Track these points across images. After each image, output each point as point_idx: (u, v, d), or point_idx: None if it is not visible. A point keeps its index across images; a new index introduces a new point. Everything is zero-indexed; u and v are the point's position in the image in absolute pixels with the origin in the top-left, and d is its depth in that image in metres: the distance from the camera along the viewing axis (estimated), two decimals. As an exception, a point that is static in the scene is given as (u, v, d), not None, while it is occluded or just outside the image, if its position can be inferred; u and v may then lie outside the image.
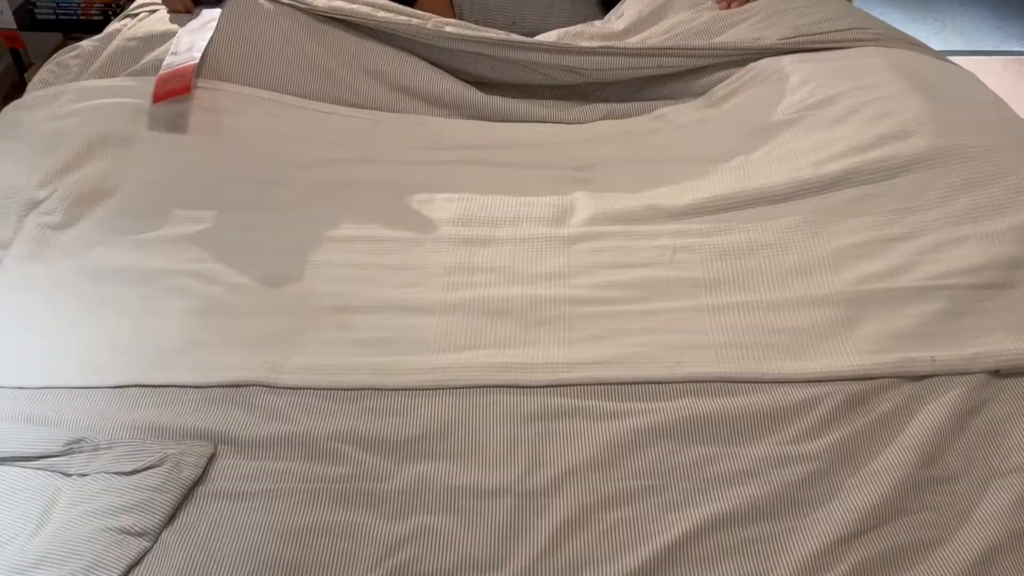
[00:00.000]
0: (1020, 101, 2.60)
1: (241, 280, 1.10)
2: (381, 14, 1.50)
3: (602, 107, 1.51)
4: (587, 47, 1.48)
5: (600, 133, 1.44)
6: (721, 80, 1.45)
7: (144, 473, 0.86)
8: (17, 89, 2.50)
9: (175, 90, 1.33)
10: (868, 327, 1.01)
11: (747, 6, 1.52)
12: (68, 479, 0.87)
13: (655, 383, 0.97)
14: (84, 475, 0.87)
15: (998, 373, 0.96)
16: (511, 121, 1.48)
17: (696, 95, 1.48)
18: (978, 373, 0.96)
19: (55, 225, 1.18)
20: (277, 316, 1.06)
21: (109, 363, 0.99)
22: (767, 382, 0.96)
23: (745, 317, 1.04)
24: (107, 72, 1.44)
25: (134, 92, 1.37)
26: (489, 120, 1.48)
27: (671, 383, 0.97)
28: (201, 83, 1.38)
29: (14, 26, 2.17)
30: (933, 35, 3.03)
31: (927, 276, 1.05)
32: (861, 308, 1.03)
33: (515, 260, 1.14)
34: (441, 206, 1.25)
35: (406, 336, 1.03)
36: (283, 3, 1.49)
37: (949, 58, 2.00)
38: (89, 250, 1.14)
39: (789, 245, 1.13)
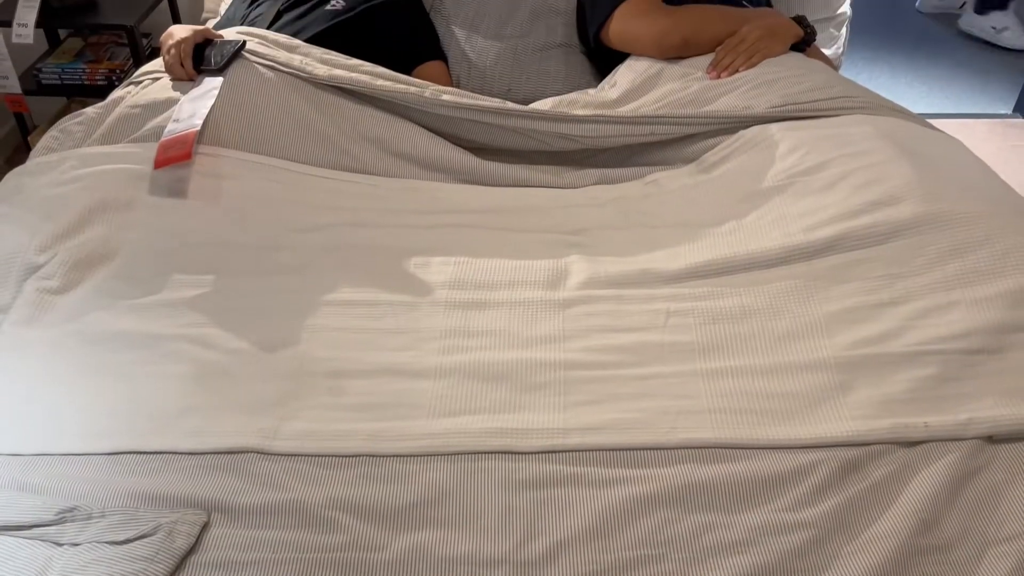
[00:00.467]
0: (1006, 163, 2.66)
1: (238, 345, 1.11)
2: (380, 82, 1.53)
3: (596, 172, 1.54)
4: (581, 115, 1.51)
5: (594, 197, 1.47)
6: (712, 147, 1.47)
7: (137, 543, 0.85)
8: (20, 152, 2.54)
9: (176, 156, 1.35)
10: (861, 392, 1.01)
11: (736, 76, 1.56)
12: (60, 548, 0.86)
13: (650, 449, 0.97)
14: (76, 544, 0.86)
15: (992, 439, 0.97)
16: (507, 186, 1.50)
17: (688, 161, 1.51)
18: (972, 439, 0.96)
19: (54, 290, 1.19)
20: (273, 381, 1.06)
21: (105, 429, 0.99)
22: (762, 448, 0.97)
23: (739, 382, 1.05)
24: (110, 139, 1.47)
25: (136, 158, 1.39)
26: (485, 184, 1.50)
27: (666, 449, 0.97)
28: (202, 149, 1.41)
29: (19, 91, 2.21)
30: (920, 98, 3.10)
31: (918, 341, 1.06)
32: (854, 373, 1.04)
33: (510, 323, 1.15)
34: (437, 270, 1.26)
35: (401, 401, 1.03)
36: (284, 72, 1.53)
37: (935, 121, 2.04)
38: (87, 314, 1.15)
39: (782, 310, 1.14)
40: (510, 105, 1.56)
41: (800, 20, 1.70)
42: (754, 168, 1.37)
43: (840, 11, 2.17)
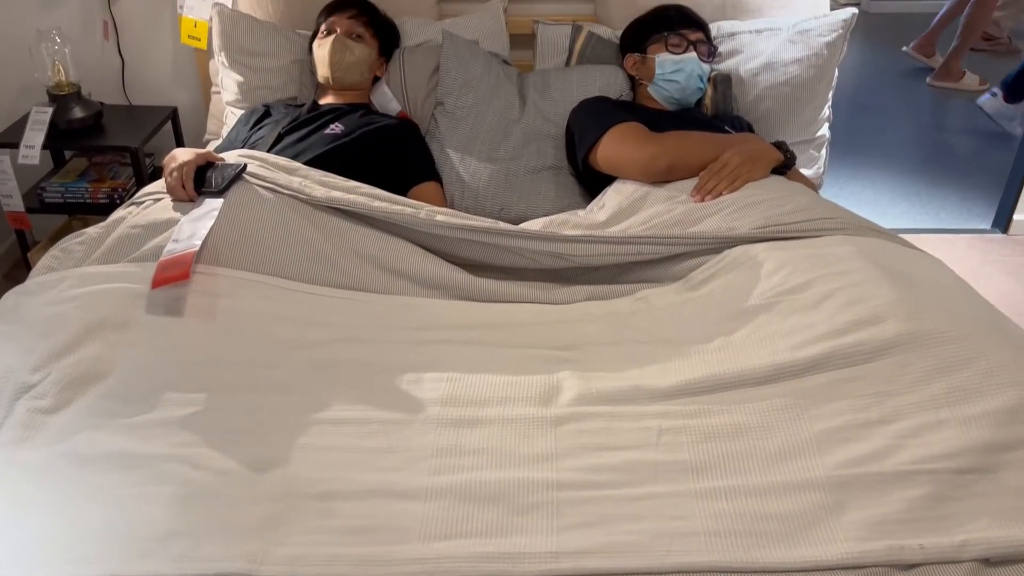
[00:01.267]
0: (987, 277, 2.72)
1: (228, 465, 1.10)
2: (377, 203, 1.58)
3: (586, 289, 1.57)
4: (570, 235, 1.56)
5: (585, 314, 1.49)
6: (698, 265, 1.51)
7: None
8: (19, 268, 2.57)
9: (174, 276, 1.37)
10: (855, 513, 1.01)
11: (719, 199, 1.61)
12: None
13: (645, 573, 0.95)
14: None
15: (988, 561, 0.96)
16: (499, 302, 1.52)
17: (675, 279, 1.54)
18: (969, 562, 0.95)
19: (45, 409, 1.19)
20: (262, 503, 1.05)
21: (93, 554, 0.97)
22: (757, 572, 0.95)
23: (732, 503, 1.04)
24: (110, 258, 1.50)
25: (135, 277, 1.42)
26: (478, 301, 1.52)
27: (661, 573, 0.95)
28: (200, 268, 1.44)
29: (22, 209, 2.26)
30: (902, 214, 3.19)
31: (910, 460, 1.06)
32: (847, 493, 1.03)
33: (502, 441, 1.15)
34: (429, 386, 1.27)
35: (391, 524, 1.02)
36: (283, 193, 1.58)
37: (917, 236, 2.08)
38: (78, 434, 1.14)
39: (773, 428, 1.14)
40: (502, 225, 1.60)
41: (780, 145, 1.77)
42: (740, 287, 1.40)
43: (819, 134, 2.26)
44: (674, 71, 1.99)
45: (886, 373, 1.17)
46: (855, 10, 2.12)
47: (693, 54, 1.99)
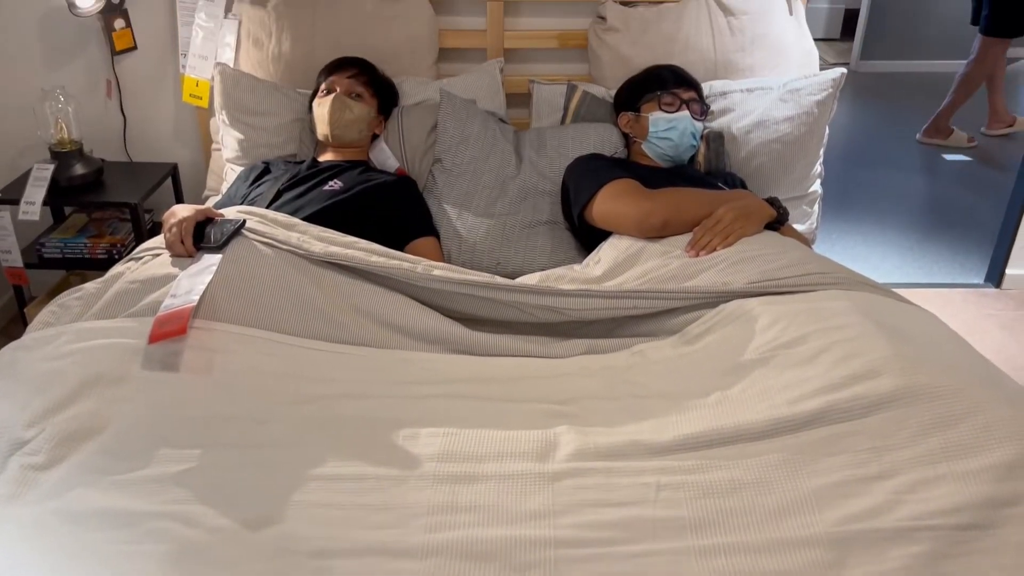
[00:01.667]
0: (982, 332, 2.73)
1: (221, 523, 1.09)
2: (374, 259, 1.59)
3: (583, 343, 1.57)
4: (567, 289, 1.56)
5: (582, 368, 1.49)
6: (694, 319, 1.52)
7: None
8: (16, 324, 2.57)
9: (171, 331, 1.37)
10: (855, 570, 1.00)
11: (714, 254, 1.63)
12: None
13: (644, 633, 0.94)
14: None
15: (991, 620, 0.94)
16: (496, 356, 1.52)
17: (671, 333, 1.55)
18: (971, 620, 0.94)
19: (38, 466, 1.18)
20: (255, 563, 1.03)
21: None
22: (758, 631, 0.94)
23: (732, 560, 1.03)
24: (107, 313, 1.50)
25: (132, 333, 1.41)
26: (475, 355, 1.52)
27: (660, 633, 0.94)
28: (197, 323, 1.44)
29: (21, 264, 2.27)
30: (895, 268, 3.21)
31: (909, 516, 1.05)
32: (846, 550, 1.02)
33: (499, 498, 1.14)
34: (426, 441, 1.26)
35: (387, 583, 1.01)
36: (282, 248, 1.59)
37: (911, 290, 2.09)
38: (70, 491, 1.13)
39: (771, 484, 1.14)
40: (499, 279, 1.61)
41: (773, 201, 1.80)
42: (736, 341, 1.41)
43: (811, 190, 2.29)
44: (667, 129, 2.02)
45: (883, 428, 1.17)
46: (844, 70, 2.17)
47: (686, 112, 2.03)
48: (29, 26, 2.45)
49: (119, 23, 2.42)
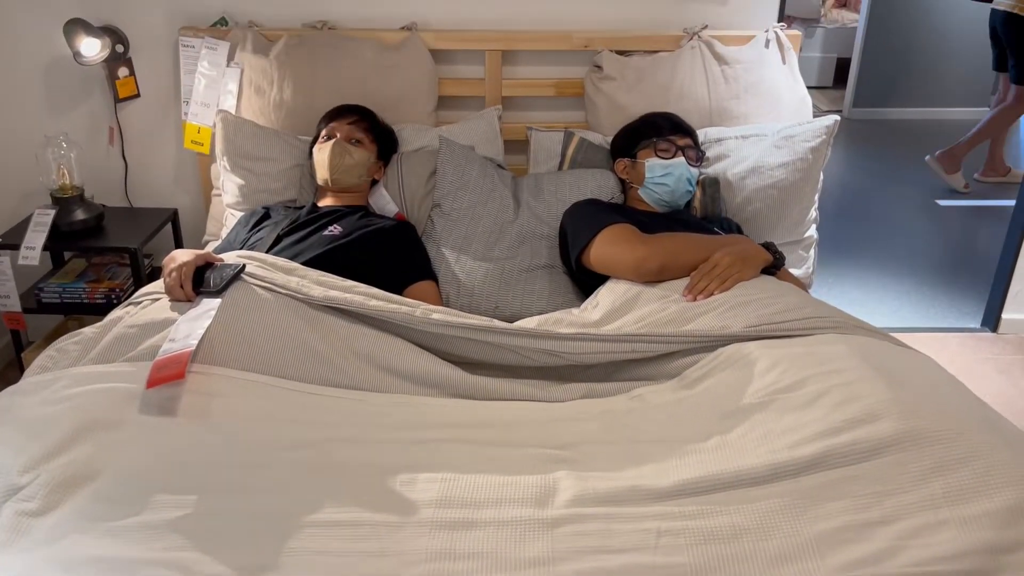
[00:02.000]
0: (980, 376, 2.73)
1: (217, 570, 1.07)
2: (373, 303, 1.60)
3: (582, 387, 1.57)
4: (565, 333, 1.57)
5: (581, 412, 1.48)
6: (692, 363, 1.52)
7: None
8: (13, 369, 2.56)
9: (169, 376, 1.37)
10: (859, 618, 0.99)
11: (711, 298, 1.63)
12: None
13: None
14: None
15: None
16: (494, 400, 1.52)
17: (670, 376, 1.55)
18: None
19: (33, 512, 1.16)
20: (252, 610, 1.02)
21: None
22: None
23: (733, 608, 1.02)
24: (105, 358, 1.49)
25: (130, 377, 1.41)
26: (474, 399, 1.52)
27: None
28: (195, 368, 1.44)
29: (19, 309, 2.27)
30: (892, 312, 3.22)
31: (913, 562, 1.04)
32: (850, 597, 1.01)
33: (498, 545, 1.13)
34: (423, 487, 1.25)
35: (385, 632, 0.99)
36: (281, 293, 1.59)
37: (908, 334, 2.09)
38: (64, 538, 1.12)
39: (772, 530, 1.13)
40: (497, 323, 1.61)
41: (769, 246, 1.81)
42: (735, 385, 1.41)
43: (807, 235, 2.31)
44: (663, 175, 2.05)
45: (884, 472, 1.17)
46: (837, 117, 2.20)
47: (681, 159, 2.05)
48: (35, 74, 2.49)
49: (123, 71, 2.46)
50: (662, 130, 2.11)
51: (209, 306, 1.55)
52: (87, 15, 2.38)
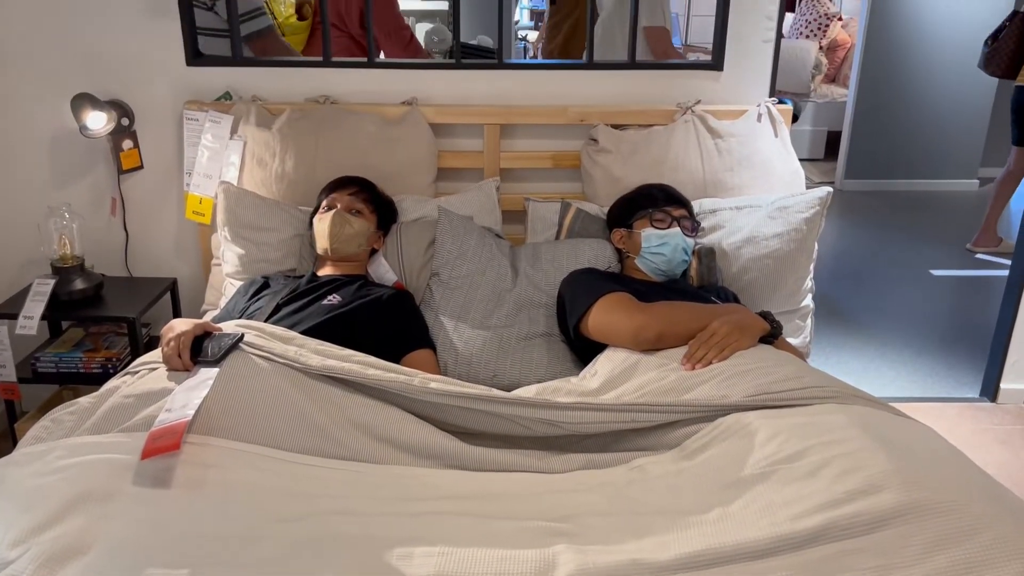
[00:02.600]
0: (980, 447, 2.71)
1: (209, 647, 1.05)
2: (371, 371, 1.60)
3: (581, 457, 1.55)
4: (564, 402, 1.56)
5: (580, 483, 1.47)
6: (692, 433, 1.51)
7: None
8: (5, 439, 2.53)
9: (165, 447, 1.36)
10: None
11: (710, 367, 1.63)
12: None
13: None
14: None
15: None
16: (493, 471, 1.50)
17: (670, 447, 1.53)
18: None
19: (21, 587, 1.14)
20: None
21: None
22: None
23: None
24: (100, 428, 1.48)
25: (124, 448, 1.40)
26: (471, 470, 1.50)
27: None
28: (191, 438, 1.42)
29: (14, 379, 2.26)
30: (889, 382, 3.21)
31: (920, 638, 1.02)
32: (857, 675, 0.99)
33: (496, 620, 1.11)
34: (420, 561, 1.22)
35: None
36: (279, 362, 1.59)
37: (907, 404, 2.07)
38: (52, 614, 1.10)
39: (776, 604, 1.11)
40: (496, 392, 1.61)
41: (766, 316, 1.82)
42: (735, 455, 1.40)
43: (803, 304, 2.32)
44: (660, 244, 2.07)
45: (887, 545, 1.15)
46: (830, 189, 2.24)
47: (677, 229, 2.08)
48: (41, 146, 2.53)
49: (127, 143, 2.50)
50: (658, 201, 2.14)
51: (206, 376, 1.54)
52: (95, 89, 2.43)
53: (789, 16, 6.79)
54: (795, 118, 4.17)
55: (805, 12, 6.71)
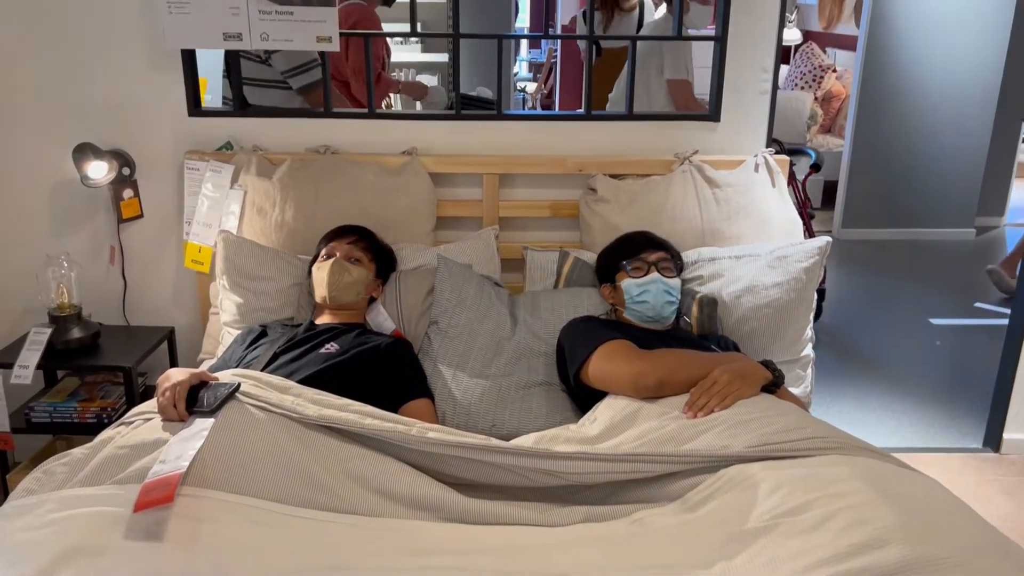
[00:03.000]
0: (985, 499, 2.67)
1: None
2: (368, 421, 1.58)
3: (581, 510, 1.53)
4: (563, 452, 1.54)
5: (580, 537, 1.44)
6: (694, 485, 1.49)
7: None
8: (-5, 490, 2.49)
9: (158, 499, 1.34)
10: None
11: (711, 416, 1.62)
12: None
13: None
14: None
15: None
16: (491, 523, 1.48)
17: (672, 498, 1.51)
18: None
19: (7, 646, 1.11)
20: None
21: None
22: None
23: None
24: (93, 480, 1.46)
25: (117, 500, 1.37)
26: (470, 523, 1.48)
27: None
28: (185, 491, 1.40)
29: (7, 429, 2.23)
30: (892, 432, 3.18)
31: None
32: None
33: None
34: (418, 617, 1.20)
35: None
36: (275, 412, 1.57)
37: (910, 455, 2.04)
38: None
39: (782, 663, 1.08)
40: (494, 442, 1.59)
41: (768, 364, 1.81)
42: (738, 508, 1.37)
43: (803, 353, 2.31)
44: (640, 294, 2.07)
45: (894, 601, 1.13)
46: (829, 238, 2.24)
47: (655, 274, 2.08)
48: (42, 195, 2.55)
49: (128, 193, 2.52)
50: (632, 250, 2.14)
51: (202, 426, 1.53)
52: (97, 139, 2.45)
53: (784, 68, 6.90)
54: (817, 168, 4.22)
55: (800, 64, 6.82)
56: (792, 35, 6.78)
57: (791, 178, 4.26)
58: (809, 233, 4.23)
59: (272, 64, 2.72)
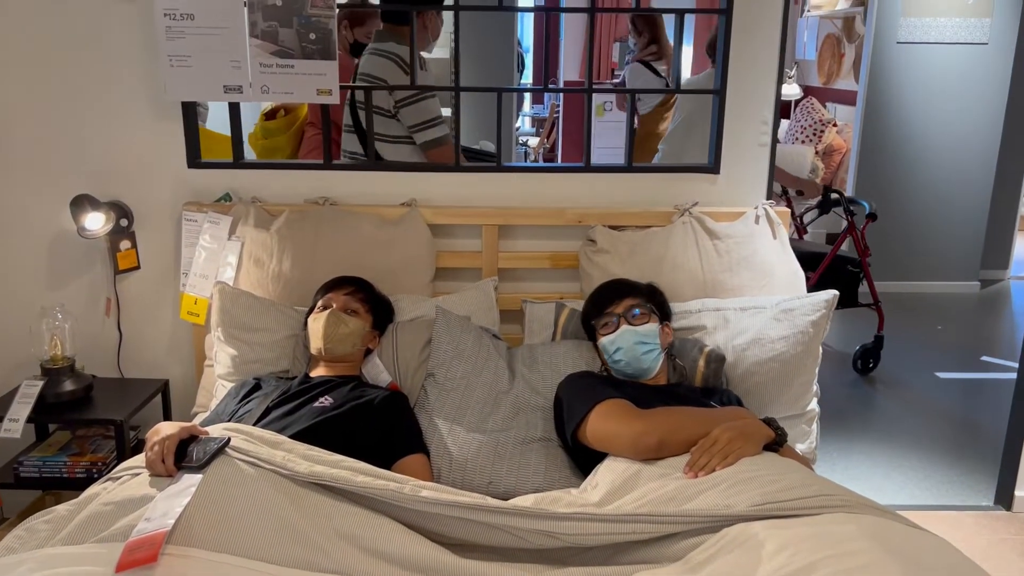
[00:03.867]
0: (998, 559, 2.59)
1: None
2: (360, 478, 1.54)
3: (580, 572, 1.47)
4: (563, 512, 1.49)
5: (579, 601, 1.39)
6: (696, 545, 1.43)
7: None
8: (-20, 547, 2.42)
9: (141, 559, 1.29)
10: None
11: (713, 475, 1.57)
12: None
13: None
14: None
15: None
16: (487, 587, 1.43)
17: (673, 559, 1.46)
18: None
19: None
20: None
21: None
22: None
23: None
24: (76, 538, 1.41)
25: (99, 560, 1.32)
26: (464, 586, 1.43)
27: None
28: (170, 549, 1.35)
29: (-5, 485, 2.19)
30: (899, 488, 3.12)
31: None
32: None
33: None
34: None
35: None
36: (265, 468, 1.53)
37: (920, 513, 1.98)
38: None
39: None
40: (491, 501, 1.54)
41: (770, 422, 1.76)
42: (742, 568, 1.32)
43: (809, 408, 2.27)
44: (615, 351, 2.03)
45: (909, 670, 1.07)
46: (836, 292, 2.21)
47: (624, 326, 2.03)
48: (39, 247, 2.54)
49: (125, 244, 2.51)
50: (600, 306, 2.10)
51: (190, 482, 1.48)
52: (95, 190, 2.45)
53: (785, 122, 6.96)
54: (873, 217, 4.22)
55: (800, 118, 6.88)
56: (791, 90, 6.86)
57: (851, 228, 4.28)
58: (868, 282, 4.22)
59: (400, 119, 2.71)
